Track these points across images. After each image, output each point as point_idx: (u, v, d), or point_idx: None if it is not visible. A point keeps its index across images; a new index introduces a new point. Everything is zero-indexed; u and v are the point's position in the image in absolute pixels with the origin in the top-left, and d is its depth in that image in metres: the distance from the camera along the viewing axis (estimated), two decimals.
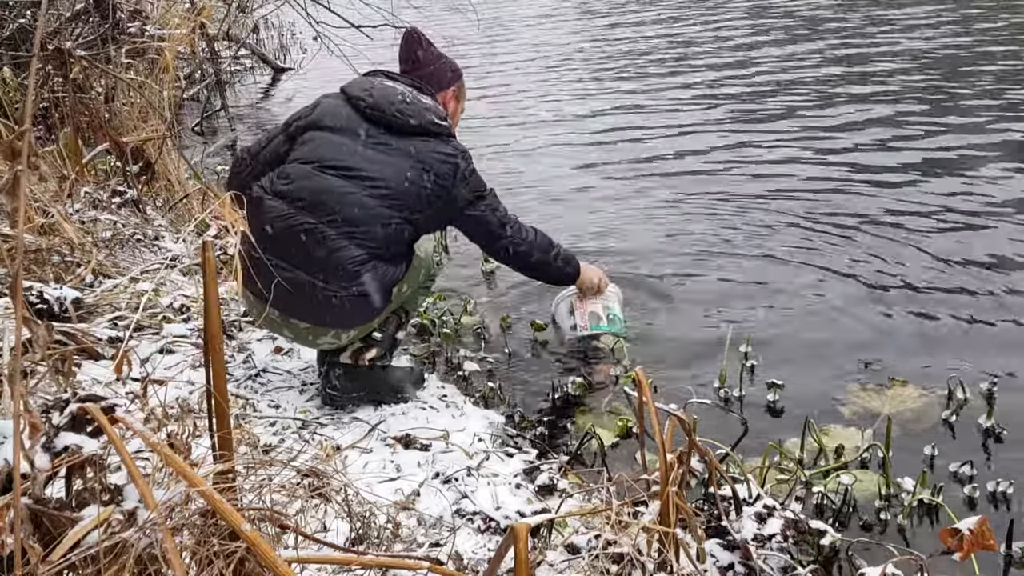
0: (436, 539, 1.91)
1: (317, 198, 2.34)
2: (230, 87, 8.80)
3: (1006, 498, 2.12)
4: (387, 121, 2.42)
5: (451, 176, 2.43)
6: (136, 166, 3.84)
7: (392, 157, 2.39)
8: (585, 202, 4.67)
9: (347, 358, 2.51)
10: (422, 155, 2.40)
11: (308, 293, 2.32)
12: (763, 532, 1.85)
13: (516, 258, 2.66)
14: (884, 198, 4.26)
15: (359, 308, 2.38)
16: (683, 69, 8.06)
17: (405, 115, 2.42)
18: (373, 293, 2.37)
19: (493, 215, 2.55)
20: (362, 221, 2.33)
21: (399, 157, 2.39)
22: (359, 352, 2.51)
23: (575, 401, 2.70)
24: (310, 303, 2.34)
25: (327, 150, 2.40)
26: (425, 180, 2.40)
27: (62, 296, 2.63)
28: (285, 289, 2.28)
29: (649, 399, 1.81)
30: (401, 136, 2.42)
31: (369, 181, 2.35)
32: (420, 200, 2.40)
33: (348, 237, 2.32)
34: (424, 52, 2.60)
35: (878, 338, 2.95)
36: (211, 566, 1.22)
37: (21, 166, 1.07)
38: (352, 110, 2.45)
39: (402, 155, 2.39)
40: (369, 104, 2.43)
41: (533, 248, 2.65)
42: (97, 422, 1.31)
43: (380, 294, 2.40)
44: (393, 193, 2.36)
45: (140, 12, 4.73)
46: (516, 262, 2.69)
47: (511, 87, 8.02)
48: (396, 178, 2.37)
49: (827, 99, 6.35)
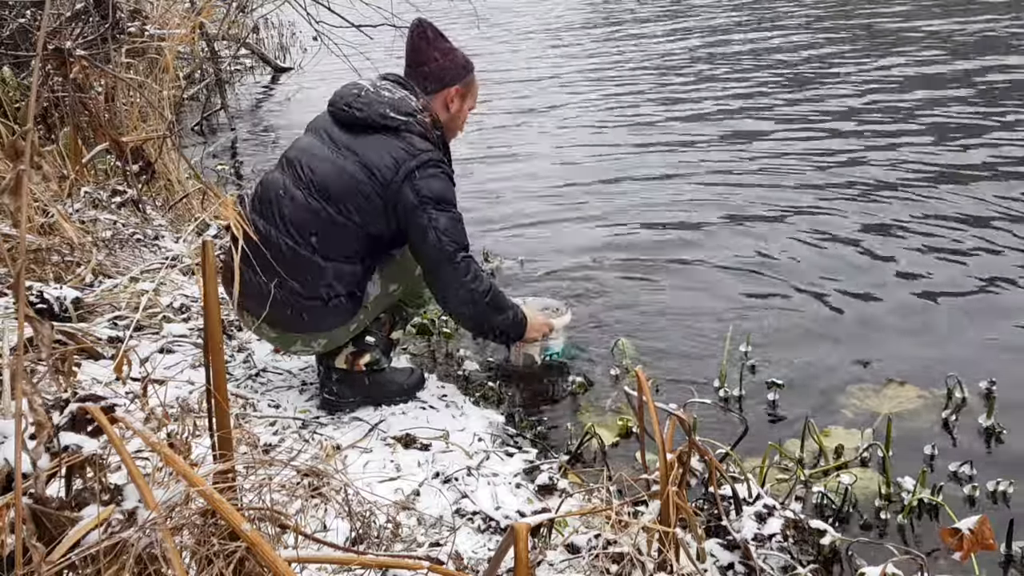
0: (436, 539, 1.91)
1: (267, 200, 2.33)
2: (230, 87, 8.81)
3: (1006, 497, 2.13)
4: (341, 117, 2.36)
5: (391, 171, 2.27)
6: (136, 166, 3.84)
7: (338, 155, 2.31)
8: (585, 200, 4.69)
9: (342, 363, 2.47)
10: (366, 150, 2.29)
11: (273, 300, 2.23)
12: (763, 532, 1.85)
13: (465, 295, 2.37)
14: (884, 198, 4.26)
15: (320, 314, 2.32)
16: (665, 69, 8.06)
17: (353, 108, 2.33)
18: (332, 298, 2.31)
19: (443, 234, 2.30)
20: (310, 224, 2.27)
21: (345, 155, 2.30)
22: (354, 357, 2.48)
23: (575, 401, 2.70)
24: (276, 310, 2.25)
25: (294, 152, 2.40)
26: (362, 176, 2.27)
27: (62, 296, 2.64)
28: (258, 296, 2.23)
29: (649, 399, 1.81)
30: (357, 133, 2.33)
31: (318, 182, 2.29)
32: (360, 198, 2.27)
33: (297, 242, 2.27)
34: (427, 47, 2.42)
35: (878, 338, 2.95)
36: (211, 566, 1.22)
37: (24, 166, 1.07)
38: (327, 111, 2.45)
39: (349, 153, 2.30)
40: (331, 101, 2.41)
41: (486, 294, 2.40)
42: (97, 422, 1.32)
43: (343, 298, 2.32)
44: (335, 193, 2.27)
45: (140, 12, 4.73)
46: (464, 299, 2.38)
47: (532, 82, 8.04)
48: (337, 177, 2.28)
49: (823, 94, 6.35)
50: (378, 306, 2.47)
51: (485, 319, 2.48)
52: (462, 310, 2.44)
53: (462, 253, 2.36)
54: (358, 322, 2.43)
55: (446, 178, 2.36)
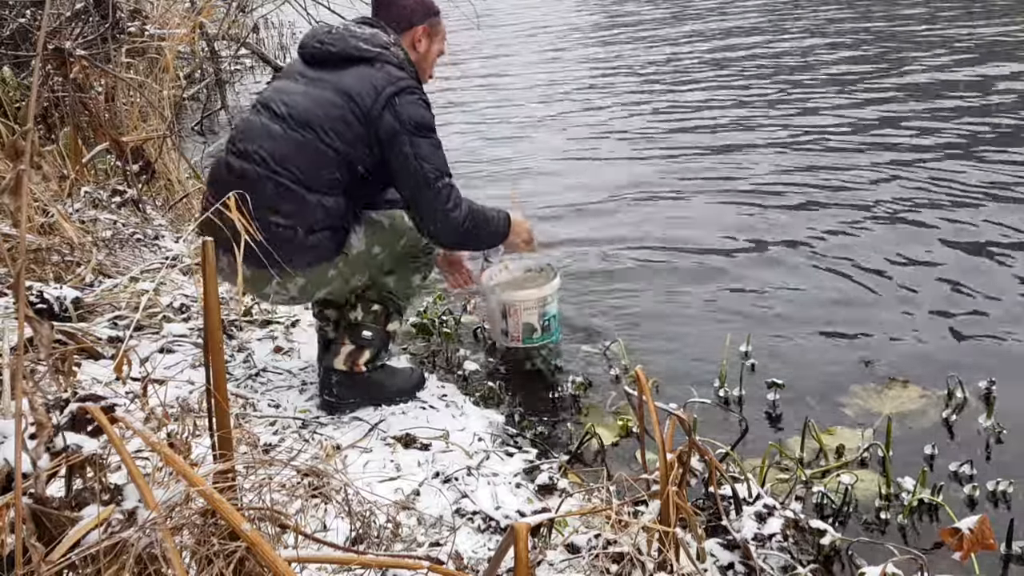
0: (436, 539, 1.91)
1: (247, 138, 2.31)
2: (230, 87, 8.80)
3: (1006, 497, 2.12)
4: (314, 56, 2.38)
5: (371, 97, 2.27)
6: (136, 166, 3.84)
7: (318, 89, 2.31)
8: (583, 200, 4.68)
9: (342, 364, 2.46)
10: (345, 79, 2.30)
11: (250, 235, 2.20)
12: (763, 531, 1.85)
13: (446, 222, 2.34)
14: (884, 199, 4.26)
15: (299, 248, 2.25)
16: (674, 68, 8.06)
17: (326, 44, 2.36)
18: (314, 231, 2.25)
19: (424, 160, 2.29)
20: (292, 156, 2.25)
21: (322, 86, 2.31)
22: (354, 358, 2.47)
23: (575, 401, 2.70)
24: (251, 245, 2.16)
25: (268, 94, 2.40)
26: (341, 101, 2.27)
27: (62, 296, 2.64)
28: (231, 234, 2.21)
29: (649, 398, 1.81)
30: (332, 69, 2.34)
31: (296, 114, 2.28)
32: (341, 124, 2.26)
33: (278, 174, 2.24)
34: None
35: (878, 338, 2.95)
36: (211, 566, 1.22)
37: (24, 165, 1.07)
38: (297, 56, 2.46)
39: (325, 84, 2.31)
40: (301, 44, 2.43)
41: (467, 219, 2.36)
42: (97, 422, 1.32)
43: (325, 233, 2.27)
44: (315, 121, 2.26)
45: (140, 12, 4.74)
46: (446, 227, 2.35)
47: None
48: (319, 108, 2.28)
49: (813, 96, 6.35)
50: (359, 266, 2.40)
51: (470, 241, 2.48)
52: (445, 238, 2.41)
53: (443, 179, 2.33)
54: (337, 271, 2.36)
55: (425, 105, 2.36)
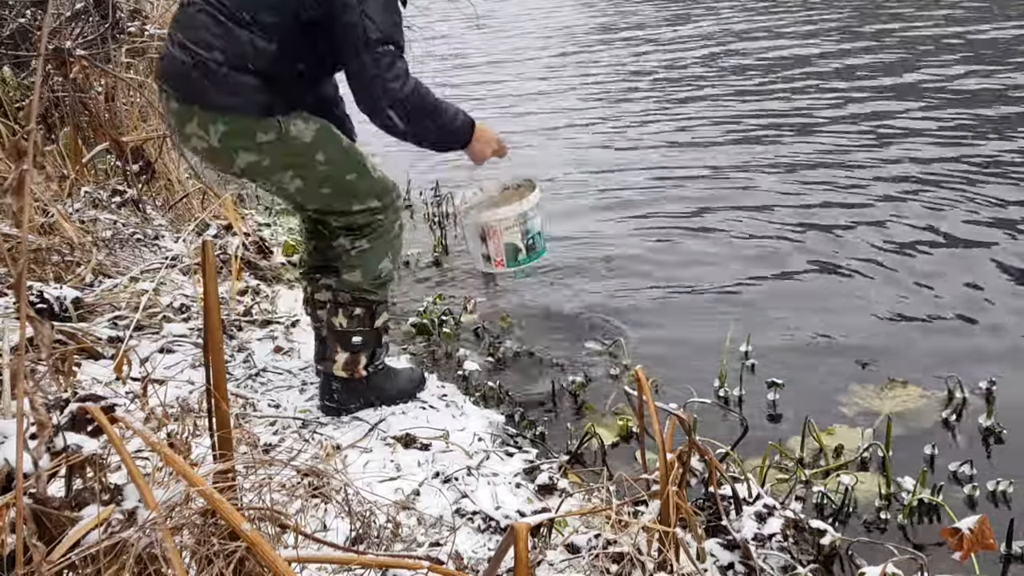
0: (436, 539, 1.91)
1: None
2: None
3: (1006, 498, 2.13)
4: None
5: None
6: (136, 166, 3.84)
7: None
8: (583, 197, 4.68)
9: (341, 371, 2.43)
10: None
11: (185, 66, 2.12)
12: (763, 531, 1.85)
13: (384, 95, 2.08)
14: (884, 198, 4.26)
15: (225, 84, 2.11)
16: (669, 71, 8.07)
17: None
18: (244, 71, 2.11)
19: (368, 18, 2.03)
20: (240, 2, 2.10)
21: None
22: (352, 364, 2.43)
23: (575, 401, 2.71)
24: (184, 76, 2.14)
25: None
26: None
27: (62, 296, 2.64)
28: (176, 72, 2.16)
29: (649, 398, 1.81)
30: None
31: None
32: None
33: (220, 11, 2.10)
34: None
35: (878, 338, 2.95)
36: (211, 566, 1.23)
37: (27, 165, 1.07)
38: None
39: None
40: None
41: (414, 92, 2.11)
42: (97, 422, 1.32)
43: (255, 77, 2.12)
44: None
45: (140, 12, 4.73)
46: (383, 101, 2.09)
47: None
48: None
49: (813, 96, 6.36)
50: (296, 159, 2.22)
51: (414, 128, 2.17)
52: (381, 117, 2.13)
53: (387, 46, 2.07)
54: (268, 144, 2.17)
55: None
